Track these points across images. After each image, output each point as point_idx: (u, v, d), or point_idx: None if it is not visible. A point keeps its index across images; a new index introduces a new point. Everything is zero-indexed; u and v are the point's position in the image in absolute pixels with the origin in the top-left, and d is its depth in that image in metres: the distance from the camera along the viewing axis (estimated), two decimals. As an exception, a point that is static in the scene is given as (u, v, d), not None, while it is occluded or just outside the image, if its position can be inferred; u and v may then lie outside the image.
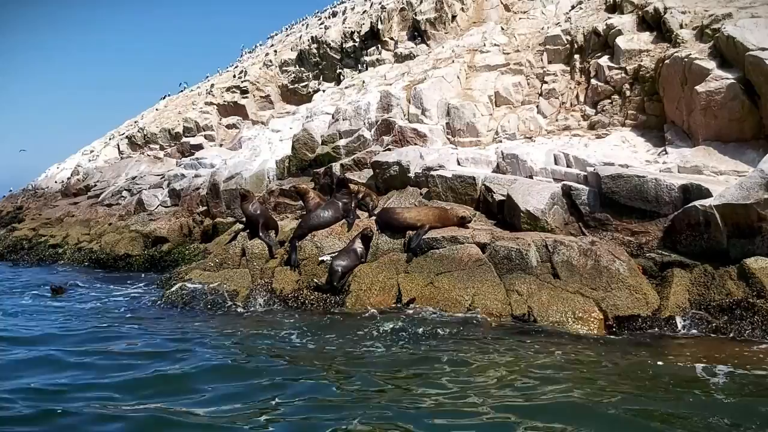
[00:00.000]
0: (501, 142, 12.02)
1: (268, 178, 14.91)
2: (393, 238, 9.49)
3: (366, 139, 13.13)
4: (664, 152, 10.15)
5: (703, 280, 7.74)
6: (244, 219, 13.89)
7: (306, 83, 26.51)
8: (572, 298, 7.80)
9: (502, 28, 15.34)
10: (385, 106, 13.12)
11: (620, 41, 11.74)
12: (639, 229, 8.87)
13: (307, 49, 25.24)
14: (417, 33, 21.28)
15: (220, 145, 26.24)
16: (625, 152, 10.59)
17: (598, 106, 11.79)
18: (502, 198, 9.91)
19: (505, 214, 9.76)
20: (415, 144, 12.36)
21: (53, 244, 18.18)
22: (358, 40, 23.45)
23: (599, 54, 12.26)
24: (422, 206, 10.04)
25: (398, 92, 13.04)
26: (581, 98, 12.20)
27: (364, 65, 22.57)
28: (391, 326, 7.56)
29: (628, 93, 11.38)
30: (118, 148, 29.90)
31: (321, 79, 26.14)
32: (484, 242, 8.79)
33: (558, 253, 8.31)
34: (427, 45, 21.10)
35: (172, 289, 9.88)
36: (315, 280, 9.20)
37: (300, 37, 28.35)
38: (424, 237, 9.04)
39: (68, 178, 35.17)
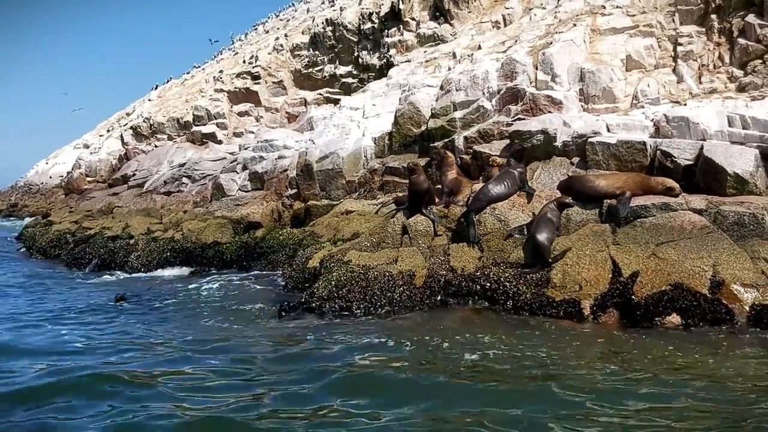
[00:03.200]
0: (643, 107, 11.27)
1: (365, 156, 13.98)
2: (585, 209, 8.71)
3: (486, 109, 12.27)
4: (842, 113, 9.51)
5: None
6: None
7: (321, 67, 25.42)
8: (834, 265, 7.13)
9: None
10: (507, 74, 12.25)
11: (771, -3, 11.07)
12: None
13: (322, 32, 24.14)
14: (439, 13, 20.55)
15: (234, 134, 25.17)
16: (795, 113, 9.93)
17: (748, 67, 11.12)
18: (689, 162, 9.19)
19: (698, 179, 9.03)
20: (549, 112, 11.56)
21: (112, 236, 16.93)
22: (377, 21, 22.52)
23: (742, 12, 11.58)
24: (616, 173, 9.25)
25: (523, 58, 12.18)
26: (725, 59, 11.51)
27: (386, 47, 21.68)
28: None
29: (783, 52, 10.74)
30: (122, 140, 28.38)
31: (337, 62, 25.12)
32: (700, 208, 8.07)
33: (794, 216, 7.63)
34: (450, 25, 20.34)
35: (334, 274, 8.96)
36: (520, 268, 8.31)
37: (313, 20, 27.12)
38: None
39: (68, 173, 33.40)
